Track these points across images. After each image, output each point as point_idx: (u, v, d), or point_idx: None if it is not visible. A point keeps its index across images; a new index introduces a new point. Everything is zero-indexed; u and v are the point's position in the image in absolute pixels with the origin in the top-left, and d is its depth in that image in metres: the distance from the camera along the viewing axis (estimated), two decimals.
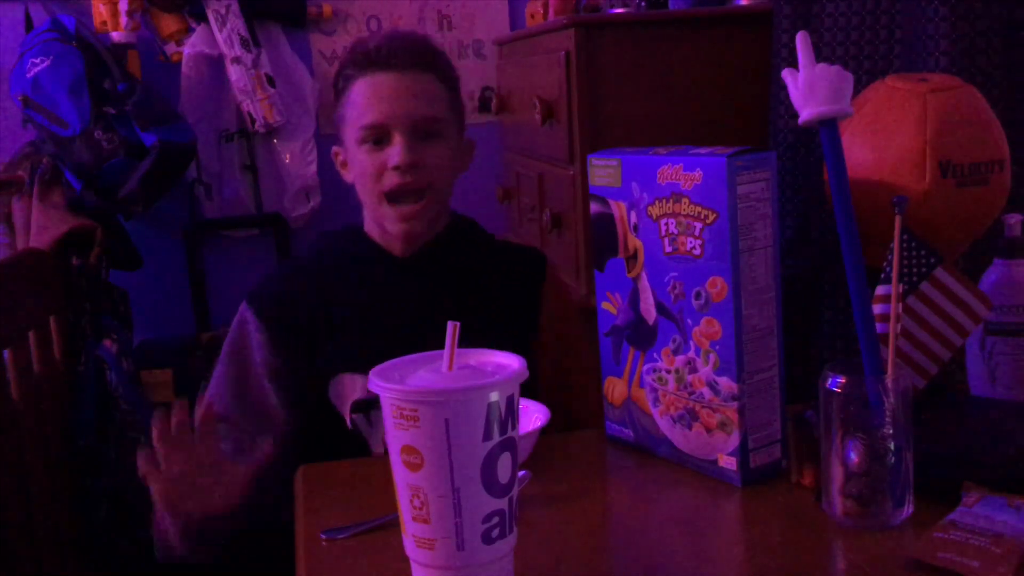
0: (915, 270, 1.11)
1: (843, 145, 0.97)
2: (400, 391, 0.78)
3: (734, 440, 1.03)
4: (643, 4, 2.08)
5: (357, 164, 1.31)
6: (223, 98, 2.57)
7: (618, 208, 1.11)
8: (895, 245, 1.01)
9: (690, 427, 1.08)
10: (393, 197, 1.28)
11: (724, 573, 0.91)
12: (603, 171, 1.13)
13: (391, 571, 0.89)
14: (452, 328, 0.81)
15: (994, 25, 1.54)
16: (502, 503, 0.80)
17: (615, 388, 1.17)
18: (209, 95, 2.56)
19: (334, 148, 1.40)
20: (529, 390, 1.06)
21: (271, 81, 2.53)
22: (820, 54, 1.65)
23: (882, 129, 1.29)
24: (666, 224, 1.05)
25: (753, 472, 1.04)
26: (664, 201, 1.05)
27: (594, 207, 1.15)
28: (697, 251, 1.03)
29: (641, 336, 1.12)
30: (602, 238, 1.15)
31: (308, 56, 2.68)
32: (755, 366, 1.03)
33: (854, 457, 0.93)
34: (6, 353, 1.62)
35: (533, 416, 1.14)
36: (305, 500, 1.09)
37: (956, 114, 1.26)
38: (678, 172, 1.03)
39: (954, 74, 1.45)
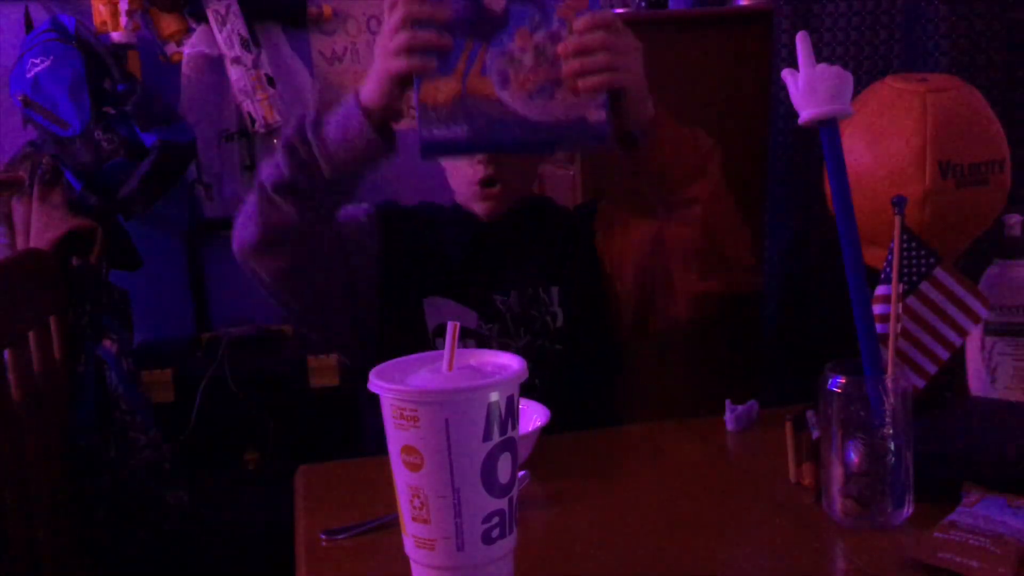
0: (915, 270, 1.11)
1: (843, 145, 0.97)
2: (400, 391, 0.78)
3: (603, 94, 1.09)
4: (643, 4, 2.08)
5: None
6: (223, 98, 2.57)
7: None
8: (895, 245, 1.01)
9: (552, 96, 1.10)
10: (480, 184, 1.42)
11: (724, 573, 0.91)
12: None
13: (391, 571, 0.89)
14: (452, 328, 0.81)
15: (994, 25, 1.54)
16: (502, 503, 0.80)
17: (439, 89, 1.13)
18: (209, 95, 2.56)
19: None
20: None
21: (271, 81, 2.53)
22: (820, 54, 1.65)
23: (882, 129, 1.29)
24: None
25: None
26: None
27: None
28: None
29: (484, 25, 1.12)
30: None
31: (308, 56, 2.67)
32: None
33: (854, 457, 0.93)
34: (6, 353, 1.62)
35: (533, 416, 1.14)
36: (305, 500, 1.09)
37: (956, 114, 1.26)
38: None
39: (954, 74, 1.45)
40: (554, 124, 1.11)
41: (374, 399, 0.80)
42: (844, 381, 0.93)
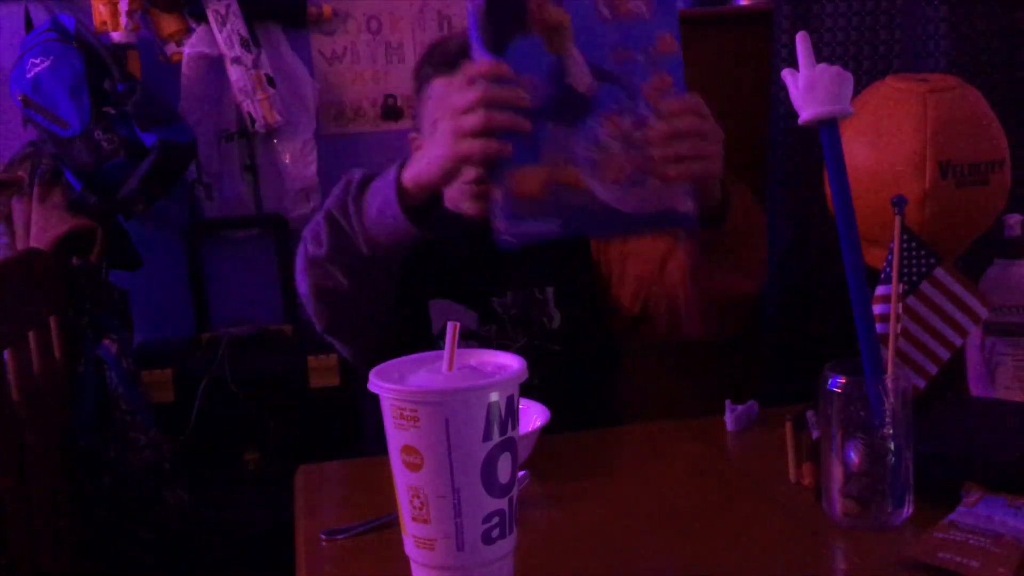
0: (915, 270, 1.11)
1: (843, 145, 0.97)
2: (400, 391, 0.78)
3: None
4: None
5: None
6: (223, 98, 2.57)
7: None
8: (895, 245, 1.01)
9: (644, 185, 1.06)
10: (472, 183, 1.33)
11: (724, 573, 0.91)
12: None
13: (391, 571, 0.89)
14: (452, 328, 0.81)
15: (994, 25, 1.54)
16: (502, 503, 0.80)
17: (526, 178, 1.05)
18: (209, 95, 2.56)
19: (411, 134, 1.45)
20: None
21: (271, 81, 2.53)
22: (820, 54, 1.65)
23: (882, 129, 1.29)
24: None
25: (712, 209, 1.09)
26: None
27: None
28: (644, 13, 1.05)
29: (569, 109, 1.06)
30: (504, 15, 1.05)
31: (308, 56, 2.67)
32: None
33: (854, 457, 0.93)
34: (6, 353, 1.62)
35: (533, 416, 1.15)
36: (305, 500, 1.09)
37: (956, 114, 1.27)
38: None
39: (954, 74, 1.45)
40: (644, 214, 1.06)
41: (374, 399, 0.80)
42: (844, 381, 0.93)
